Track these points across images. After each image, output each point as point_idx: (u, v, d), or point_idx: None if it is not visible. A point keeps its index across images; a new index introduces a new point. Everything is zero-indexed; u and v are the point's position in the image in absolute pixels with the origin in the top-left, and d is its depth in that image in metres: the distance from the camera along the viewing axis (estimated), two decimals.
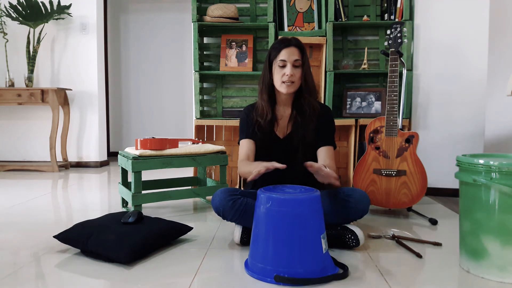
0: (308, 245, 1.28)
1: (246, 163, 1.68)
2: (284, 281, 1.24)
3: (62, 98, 3.85)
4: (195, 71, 2.81)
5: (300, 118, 1.73)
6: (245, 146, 1.76)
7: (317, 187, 1.75)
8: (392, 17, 2.70)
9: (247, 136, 1.76)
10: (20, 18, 3.74)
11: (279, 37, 1.89)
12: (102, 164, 4.14)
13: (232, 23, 2.77)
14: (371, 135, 2.18)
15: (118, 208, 2.32)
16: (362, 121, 2.61)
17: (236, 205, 1.59)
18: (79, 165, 4.07)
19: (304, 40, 2.62)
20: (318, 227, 1.31)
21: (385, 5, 2.74)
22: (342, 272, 1.31)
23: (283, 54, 1.65)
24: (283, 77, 1.66)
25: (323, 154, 1.73)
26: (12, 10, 3.69)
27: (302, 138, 1.72)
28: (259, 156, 1.76)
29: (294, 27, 2.84)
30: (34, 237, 1.74)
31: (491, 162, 1.26)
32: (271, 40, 2.72)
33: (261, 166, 1.44)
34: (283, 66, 1.66)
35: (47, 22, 3.83)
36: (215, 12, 2.76)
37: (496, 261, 1.27)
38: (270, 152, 1.75)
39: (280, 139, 1.76)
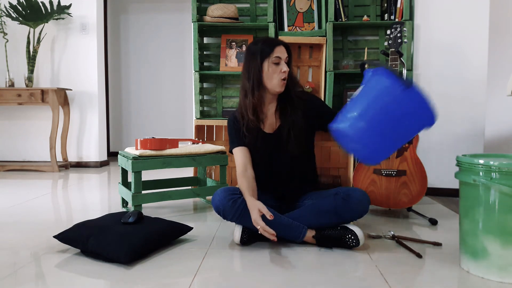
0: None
1: (243, 182, 1.65)
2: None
3: (62, 98, 3.85)
4: (195, 71, 2.81)
5: (289, 106, 1.72)
6: (241, 155, 1.73)
7: (308, 181, 1.82)
8: (392, 17, 2.70)
9: (239, 144, 1.75)
10: (20, 18, 3.74)
11: (267, 36, 1.99)
12: (102, 164, 4.14)
13: (232, 23, 2.77)
14: None
15: (118, 208, 2.32)
16: None
17: (236, 204, 1.59)
18: (79, 165, 4.07)
19: (304, 40, 2.62)
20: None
21: (385, 5, 2.74)
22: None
23: (278, 51, 1.66)
24: (280, 74, 1.66)
25: None
26: (12, 10, 3.69)
27: (292, 123, 1.71)
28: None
29: (294, 27, 2.83)
30: (34, 237, 1.74)
31: (491, 162, 1.26)
32: None
33: (257, 223, 1.50)
34: (277, 63, 1.66)
35: (47, 22, 3.82)
36: (215, 12, 2.76)
37: (496, 261, 1.27)
38: (258, 150, 1.75)
39: (269, 135, 1.75)
